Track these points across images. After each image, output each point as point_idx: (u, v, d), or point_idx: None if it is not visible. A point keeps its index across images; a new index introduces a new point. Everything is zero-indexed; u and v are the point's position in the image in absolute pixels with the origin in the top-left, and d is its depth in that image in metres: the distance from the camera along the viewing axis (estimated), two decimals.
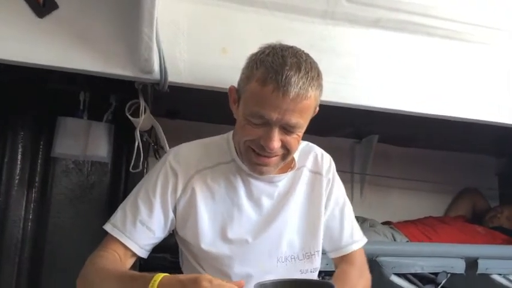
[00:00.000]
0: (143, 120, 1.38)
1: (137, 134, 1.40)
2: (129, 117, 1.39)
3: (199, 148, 1.14)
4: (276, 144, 0.98)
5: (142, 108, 1.36)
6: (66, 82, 1.60)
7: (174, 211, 1.09)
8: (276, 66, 0.95)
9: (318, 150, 1.22)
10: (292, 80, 0.93)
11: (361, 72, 1.41)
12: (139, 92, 1.35)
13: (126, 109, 1.39)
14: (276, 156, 1.02)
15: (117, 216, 1.09)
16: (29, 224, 1.67)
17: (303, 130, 1.03)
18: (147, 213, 1.07)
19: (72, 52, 1.18)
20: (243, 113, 1.01)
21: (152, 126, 1.51)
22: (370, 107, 1.42)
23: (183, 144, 1.16)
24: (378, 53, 1.42)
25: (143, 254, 1.08)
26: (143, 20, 1.08)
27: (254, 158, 1.03)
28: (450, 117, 1.50)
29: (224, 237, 1.08)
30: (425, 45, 1.46)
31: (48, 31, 1.16)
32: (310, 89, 0.96)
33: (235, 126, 1.09)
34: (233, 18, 1.28)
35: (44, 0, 1.14)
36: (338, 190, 1.21)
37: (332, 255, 1.23)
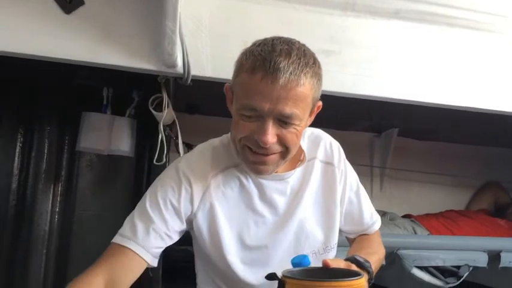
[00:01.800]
0: (166, 114, 1.40)
1: (161, 127, 1.42)
2: (152, 111, 1.41)
3: (209, 153, 1.07)
4: (271, 138, 0.91)
5: (165, 102, 1.38)
6: (90, 78, 1.64)
7: (193, 221, 1.03)
8: (265, 53, 0.89)
9: (325, 138, 1.16)
10: (281, 65, 0.87)
11: (381, 63, 1.40)
12: (162, 86, 1.38)
13: (149, 103, 1.41)
14: (273, 154, 0.95)
15: (126, 227, 0.99)
16: (56, 216, 1.72)
17: (302, 124, 0.95)
18: (161, 222, 0.99)
19: (98, 47, 1.20)
20: (236, 108, 0.94)
21: (174, 121, 1.54)
22: (390, 98, 1.42)
23: (190, 153, 1.10)
24: (398, 44, 1.41)
25: (153, 261, 1.00)
26: (167, 14, 1.10)
27: (251, 157, 0.96)
28: (471, 108, 1.49)
29: (243, 245, 1.03)
30: (446, 36, 1.44)
31: (74, 27, 1.19)
32: (303, 75, 0.89)
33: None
34: (254, 11, 1.30)
35: None
36: (351, 177, 1.17)
37: (354, 237, 1.22)
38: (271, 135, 0.91)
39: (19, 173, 1.72)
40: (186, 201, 1.00)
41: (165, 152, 1.46)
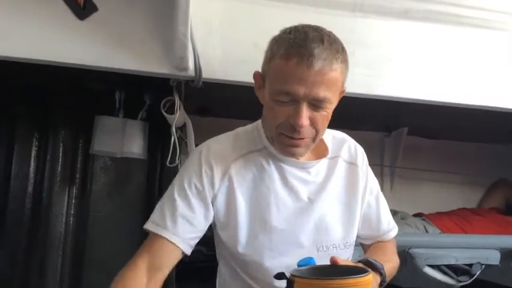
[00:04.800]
0: (178, 116, 1.42)
1: (173, 130, 1.44)
2: (164, 114, 1.43)
3: (230, 139, 1.13)
4: (305, 121, 0.96)
5: (177, 105, 1.40)
6: (103, 82, 1.67)
7: (213, 204, 1.07)
8: (298, 40, 0.94)
9: (350, 141, 1.21)
10: (316, 51, 0.91)
11: (391, 63, 1.41)
12: (174, 89, 1.40)
13: (161, 106, 1.43)
14: (306, 138, 1.00)
15: (156, 214, 1.06)
16: (71, 218, 1.75)
17: (332, 107, 1.00)
18: (187, 208, 1.04)
19: (111, 52, 1.23)
20: (270, 93, 0.99)
21: (185, 123, 1.56)
22: (401, 98, 1.42)
23: (213, 138, 1.14)
24: (407, 44, 1.42)
25: (187, 249, 1.05)
26: (178, 19, 1.12)
27: (286, 141, 1.01)
28: (481, 106, 1.49)
29: (263, 226, 1.06)
30: (456, 35, 1.45)
31: (88, 32, 1.22)
32: (335, 61, 0.94)
33: (263, 112, 1.08)
34: (264, 13, 1.31)
35: (84, 3, 1.20)
36: (372, 181, 1.21)
37: (369, 242, 1.24)
38: (305, 118, 0.96)
39: (35, 176, 1.75)
40: (208, 184, 1.05)
41: (178, 154, 1.48)
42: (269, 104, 1.00)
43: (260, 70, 1.08)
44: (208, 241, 1.29)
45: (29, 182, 1.74)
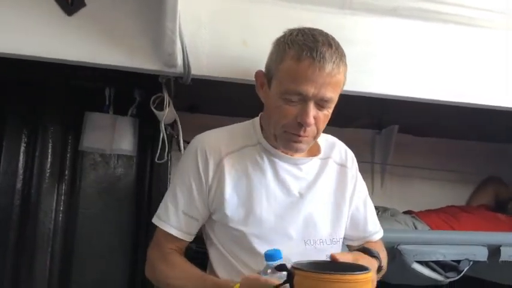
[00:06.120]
0: (167, 113, 1.42)
1: (162, 126, 1.45)
2: (154, 110, 1.44)
3: (225, 133, 1.18)
4: (312, 120, 1.02)
5: (166, 101, 1.40)
6: (92, 79, 1.66)
7: (208, 194, 1.13)
8: (309, 43, 1.00)
9: (341, 145, 1.27)
10: (327, 54, 0.98)
11: (379, 61, 1.42)
12: (163, 85, 1.40)
13: (150, 102, 1.43)
14: (309, 136, 1.07)
15: (162, 210, 1.15)
16: (60, 215, 1.74)
17: (333, 107, 1.07)
18: (189, 204, 1.13)
19: (100, 48, 1.23)
20: (279, 92, 1.04)
21: (175, 120, 1.56)
22: (387, 95, 1.44)
23: (209, 131, 1.19)
24: (395, 42, 1.44)
25: (191, 238, 1.16)
26: (167, 15, 1.12)
27: (289, 137, 1.07)
28: (468, 104, 1.50)
29: (252, 217, 1.10)
30: (442, 33, 1.46)
31: (76, 28, 1.22)
32: (341, 63, 1.01)
33: (264, 110, 1.13)
34: (253, 10, 1.32)
35: None
36: (361, 185, 1.27)
37: (356, 243, 1.28)
38: (312, 118, 1.02)
39: (23, 172, 1.74)
40: (204, 176, 1.12)
41: (167, 150, 1.48)
42: (276, 103, 1.05)
43: (263, 70, 1.12)
44: (198, 237, 1.30)
45: (17, 178, 1.73)
